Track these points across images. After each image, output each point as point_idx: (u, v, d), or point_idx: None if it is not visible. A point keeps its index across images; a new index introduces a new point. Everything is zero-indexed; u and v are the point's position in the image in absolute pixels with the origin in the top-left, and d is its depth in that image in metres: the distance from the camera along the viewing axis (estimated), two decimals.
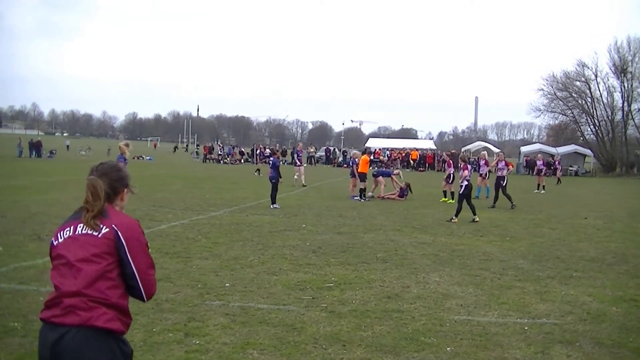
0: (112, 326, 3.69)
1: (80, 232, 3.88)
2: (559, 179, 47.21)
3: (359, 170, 27.51)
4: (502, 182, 26.97)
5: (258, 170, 47.14)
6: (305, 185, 34.54)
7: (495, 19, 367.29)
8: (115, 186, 4.12)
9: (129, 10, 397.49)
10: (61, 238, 3.92)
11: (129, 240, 3.86)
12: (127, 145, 18.95)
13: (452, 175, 28.41)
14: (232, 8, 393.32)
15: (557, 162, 52.00)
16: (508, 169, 28.07)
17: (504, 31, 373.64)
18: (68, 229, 3.95)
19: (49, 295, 3.80)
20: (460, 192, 20.57)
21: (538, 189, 38.39)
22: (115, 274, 3.82)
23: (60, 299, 3.70)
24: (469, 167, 21.01)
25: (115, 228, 3.85)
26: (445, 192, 28.50)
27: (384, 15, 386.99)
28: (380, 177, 29.06)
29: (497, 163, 28.93)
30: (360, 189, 27.28)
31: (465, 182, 20.34)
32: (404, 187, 28.61)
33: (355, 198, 26.99)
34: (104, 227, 3.86)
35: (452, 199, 27.37)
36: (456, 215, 20.23)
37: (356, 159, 28.19)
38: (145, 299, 3.98)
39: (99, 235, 3.82)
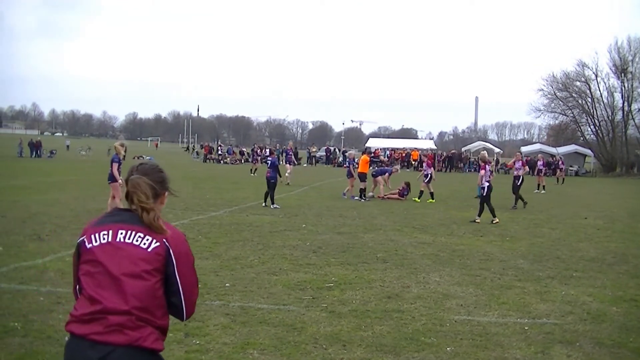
0: (157, 346, 3.55)
1: (122, 239, 3.56)
2: (562, 179, 47.17)
3: (359, 170, 27.46)
4: (517, 181, 27.50)
5: (254, 169, 47.09)
6: (288, 184, 34.34)
7: (496, 19, 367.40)
8: (156, 188, 3.79)
9: (129, 10, 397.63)
10: (96, 241, 3.59)
11: (179, 256, 3.63)
12: (122, 145, 18.89)
13: (429, 175, 28.32)
14: (233, 8, 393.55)
15: (560, 162, 52.04)
16: (524, 170, 28.29)
17: (504, 31, 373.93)
18: (105, 232, 3.61)
19: (80, 307, 3.49)
20: (483, 194, 20.64)
21: (538, 189, 38.38)
22: (161, 292, 3.60)
23: (104, 315, 3.40)
24: (488, 167, 20.91)
25: (167, 243, 3.59)
26: (421, 192, 28.27)
27: (384, 15, 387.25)
28: (379, 176, 28.97)
29: (514, 163, 29.13)
30: (361, 189, 27.22)
31: (487, 184, 20.52)
32: (404, 187, 28.56)
33: (355, 198, 26.97)
34: (154, 240, 3.57)
35: (432, 199, 27.63)
36: (479, 216, 20.44)
37: (354, 159, 28.17)
38: (185, 318, 3.78)
39: (149, 250, 3.54)
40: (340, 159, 70.09)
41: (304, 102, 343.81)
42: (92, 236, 3.62)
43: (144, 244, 3.55)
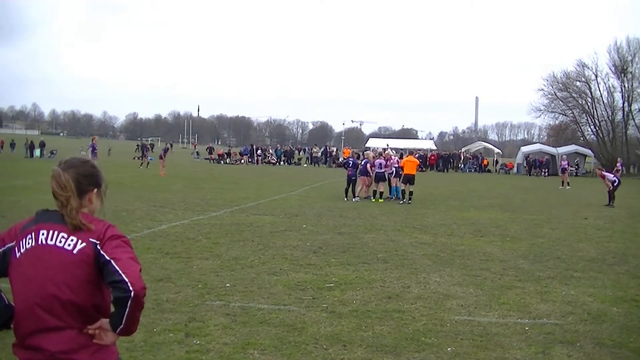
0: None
1: (45, 241, 3.33)
2: (567, 182, 47.18)
3: (406, 172, 27.03)
4: (614, 183, 28.99)
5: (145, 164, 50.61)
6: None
7: (496, 19, 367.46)
8: (82, 183, 3.48)
9: (129, 10, 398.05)
10: (22, 248, 3.35)
11: (108, 243, 3.39)
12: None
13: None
14: (233, 8, 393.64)
15: (565, 163, 52.30)
16: (621, 171, 29.55)
17: (504, 31, 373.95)
18: (30, 236, 3.37)
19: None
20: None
21: (562, 186, 41.94)
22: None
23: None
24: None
25: (92, 240, 3.35)
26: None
27: (384, 15, 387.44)
28: (364, 176, 28.30)
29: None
30: (410, 191, 26.90)
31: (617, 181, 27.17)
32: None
33: (356, 199, 26.91)
34: (80, 241, 3.33)
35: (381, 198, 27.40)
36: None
37: (368, 160, 27.86)
38: (131, 291, 3.23)
39: (75, 252, 3.29)
40: (341, 160, 69.97)
41: (304, 102, 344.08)
42: (21, 243, 3.38)
43: (69, 245, 3.32)
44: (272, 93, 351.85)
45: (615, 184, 28.51)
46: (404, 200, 26.51)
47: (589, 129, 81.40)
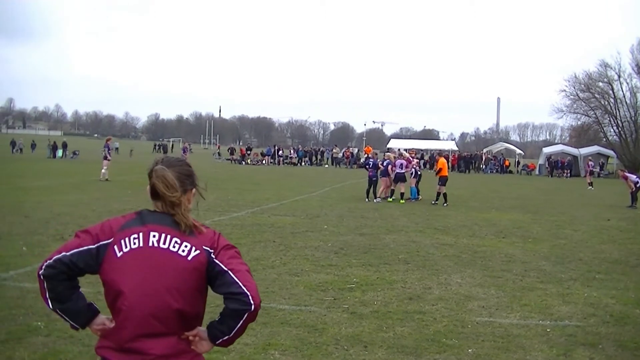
0: None
1: (157, 244, 3.24)
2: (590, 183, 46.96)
3: (441, 174, 26.86)
4: (637, 184, 29.08)
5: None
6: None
7: (518, 19, 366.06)
8: (184, 182, 3.42)
9: (152, 11, 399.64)
10: (127, 247, 3.22)
11: (222, 251, 3.33)
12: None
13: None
14: (255, 9, 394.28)
15: (593, 164, 52.30)
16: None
17: (527, 32, 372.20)
18: (136, 236, 3.24)
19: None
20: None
21: (591, 186, 43.74)
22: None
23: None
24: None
25: (206, 248, 3.27)
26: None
27: (407, 16, 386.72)
28: (385, 177, 28.24)
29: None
30: (444, 193, 26.69)
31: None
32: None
33: (378, 200, 26.85)
34: (193, 247, 3.26)
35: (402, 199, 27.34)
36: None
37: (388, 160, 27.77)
38: (252, 304, 3.36)
39: (190, 259, 3.21)
40: (362, 160, 69.88)
41: (326, 103, 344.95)
42: (123, 241, 3.22)
43: (183, 251, 3.23)
44: (294, 94, 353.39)
45: (638, 185, 28.30)
46: (445, 202, 26.28)
47: (612, 130, 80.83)
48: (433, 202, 26.34)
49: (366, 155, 52.53)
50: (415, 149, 43.76)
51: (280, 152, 76.64)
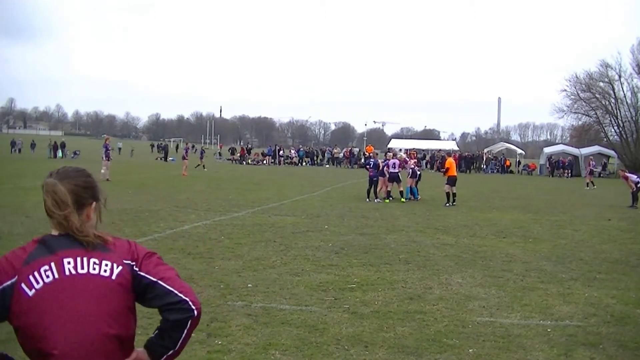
0: None
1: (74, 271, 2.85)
2: (591, 182, 46.81)
3: (449, 174, 26.68)
4: (638, 184, 29.02)
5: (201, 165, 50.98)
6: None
7: (519, 19, 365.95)
8: (81, 196, 3.05)
9: (152, 12, 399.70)
10: (38, 283, 2.80)
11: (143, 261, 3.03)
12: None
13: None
14: (255, 9, 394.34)
15: (592, 165, 52.16)
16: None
17: (527, 31, 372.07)
18: (47, 267, 2.83)
19: None
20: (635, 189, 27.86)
21: (588, 187, 43.40)
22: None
23: None
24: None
25: (126, 261, 2.96)
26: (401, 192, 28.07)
27: (407, 16, 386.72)
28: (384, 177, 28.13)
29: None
30: (453, 193, 26.58)
31: None
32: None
33: (378, 200, 26.86)
34: (115, 264, 2.93)
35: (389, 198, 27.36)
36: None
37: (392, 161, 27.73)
38: (195, 310, 2.95)
39: (114, 278, 2.89)
40: (362, 160, 69.88)
41: (327, 103, 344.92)
42: (31, 277, 2.80)
43: (105, 271, 2.88)
44: (295, 94, 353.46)
45: (638, 185, 28.27)
46: (449, 203, 26.18)
47: (613, 130, 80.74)
48: (446, 205, 26.03)
49: (367, 155, 52.58)
50: (416, 149, 43.80)
51: (281, 152, 76.68)
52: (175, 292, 2.91)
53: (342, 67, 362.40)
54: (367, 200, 26.75)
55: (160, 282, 2.92)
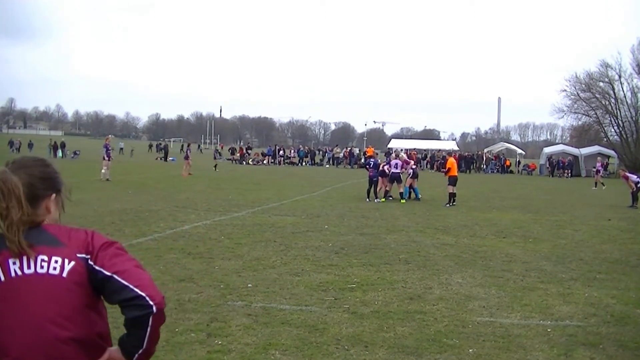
0: None
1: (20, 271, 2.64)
2: (600, 183, 46.49)
3: (451, 174, 26.56)
4: (638, 184, 29.10)
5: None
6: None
7: (519, 19, 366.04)
8: (36, 187, 2.77)
9: (152, 12, 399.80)
10: None
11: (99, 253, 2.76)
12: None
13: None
14: (255, 9, 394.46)
15: (599, 165, 52.07)
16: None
17: (527, 31, 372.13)
18: None
19: None
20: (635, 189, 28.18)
21: (596, 187, 43.54)
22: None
23: None
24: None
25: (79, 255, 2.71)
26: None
27: (408, 16, 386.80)
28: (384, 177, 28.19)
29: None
30: (453, 193, 26.60)
31: None
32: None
33: (377, 200, 26.87)
34: (66, 260, 2.68)
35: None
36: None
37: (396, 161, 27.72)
38: (153, 306, 2.69)
39: (65, 275, 2.65)
40: (362, 160, 69.86)
41: (327, 103, 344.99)
42: None
43: (54, 268, 2.65)
44: (295, 94, 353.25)
45: (638, 185, 28.28)
46: (449, 203, 26.11)
47: (613, 130, 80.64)
48: (446, 205, 25.92)
49: (367, 155, 52.60)
50: (417, 149, 43.81)
51: (281, 152, 76.70)
52: (131, 286, 2.64)
53: (342, 67, 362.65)
54: (367, 200, 26.71)
55: (115, 276, 2.66)
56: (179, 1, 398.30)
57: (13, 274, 2.60)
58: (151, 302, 2.63)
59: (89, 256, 2.69)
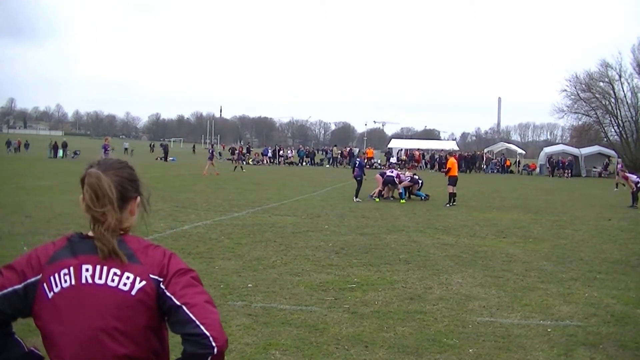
0: None
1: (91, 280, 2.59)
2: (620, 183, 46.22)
3: (451, 174, 26.54)
4: (638, 184, 29.09)
5: (239, 167, 52.99)
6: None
7: (519, 19, 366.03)
8: (126, 189, 2.76)
9: (153, 11, 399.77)
10: (57, 286, 2.58)
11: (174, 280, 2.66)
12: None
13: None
14: (255, 9, 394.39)
15: (619, 165, 52.28)
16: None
17: (527, 31, 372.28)
18: (66, 271, 2.59)
19: None
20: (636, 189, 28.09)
21: (617, 187, 42.06)
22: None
23: None
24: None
25: (152, 276, 2.62)
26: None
27: (408, 16, 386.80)
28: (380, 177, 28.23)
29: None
30: (452, 193, 26.38)
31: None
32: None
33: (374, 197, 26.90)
34: (138, 278, 2.61)
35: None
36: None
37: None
38: (215, 347, 2.61)
39: (133, 293, 2.58)
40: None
41: (327, 103, 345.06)
42: (52, 279, 2.59)
43: (124, 284, 2.58)
44: (295, 94, 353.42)
45: (638, 185, 28.27)
46: (449, 203, 26.09)
47: (613, 130, 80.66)
48: (447, 205, 25.93)
49: (367, 157, 52.62)
50: (420, 149, 43.78)
51: (281, 152, 76.73)
52: (197, 322, 2.55)
53: (342, 68, 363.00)
54: (355, 199, 26.60)
55: (183, 307, 2.56)
56: (179, 1, 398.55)
57: (84, 281, 2.55)
58: (214, 344, 2.56)
59: (162, 279, 2.61)
